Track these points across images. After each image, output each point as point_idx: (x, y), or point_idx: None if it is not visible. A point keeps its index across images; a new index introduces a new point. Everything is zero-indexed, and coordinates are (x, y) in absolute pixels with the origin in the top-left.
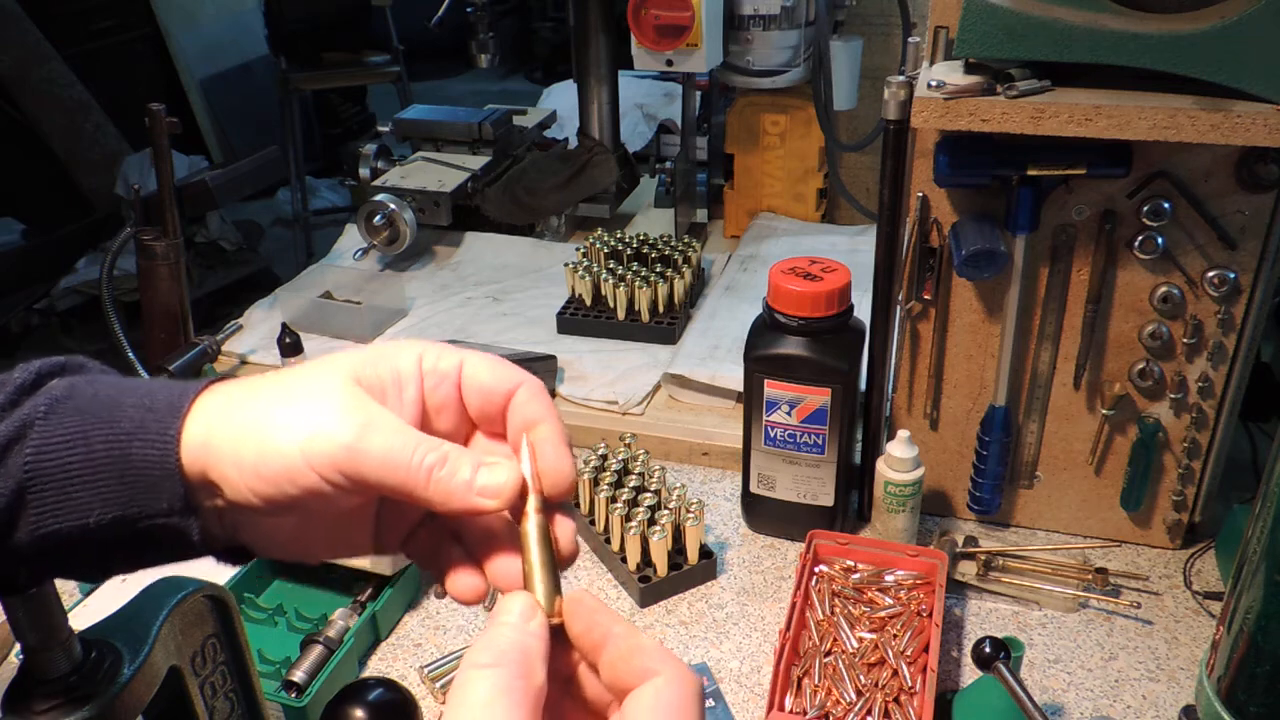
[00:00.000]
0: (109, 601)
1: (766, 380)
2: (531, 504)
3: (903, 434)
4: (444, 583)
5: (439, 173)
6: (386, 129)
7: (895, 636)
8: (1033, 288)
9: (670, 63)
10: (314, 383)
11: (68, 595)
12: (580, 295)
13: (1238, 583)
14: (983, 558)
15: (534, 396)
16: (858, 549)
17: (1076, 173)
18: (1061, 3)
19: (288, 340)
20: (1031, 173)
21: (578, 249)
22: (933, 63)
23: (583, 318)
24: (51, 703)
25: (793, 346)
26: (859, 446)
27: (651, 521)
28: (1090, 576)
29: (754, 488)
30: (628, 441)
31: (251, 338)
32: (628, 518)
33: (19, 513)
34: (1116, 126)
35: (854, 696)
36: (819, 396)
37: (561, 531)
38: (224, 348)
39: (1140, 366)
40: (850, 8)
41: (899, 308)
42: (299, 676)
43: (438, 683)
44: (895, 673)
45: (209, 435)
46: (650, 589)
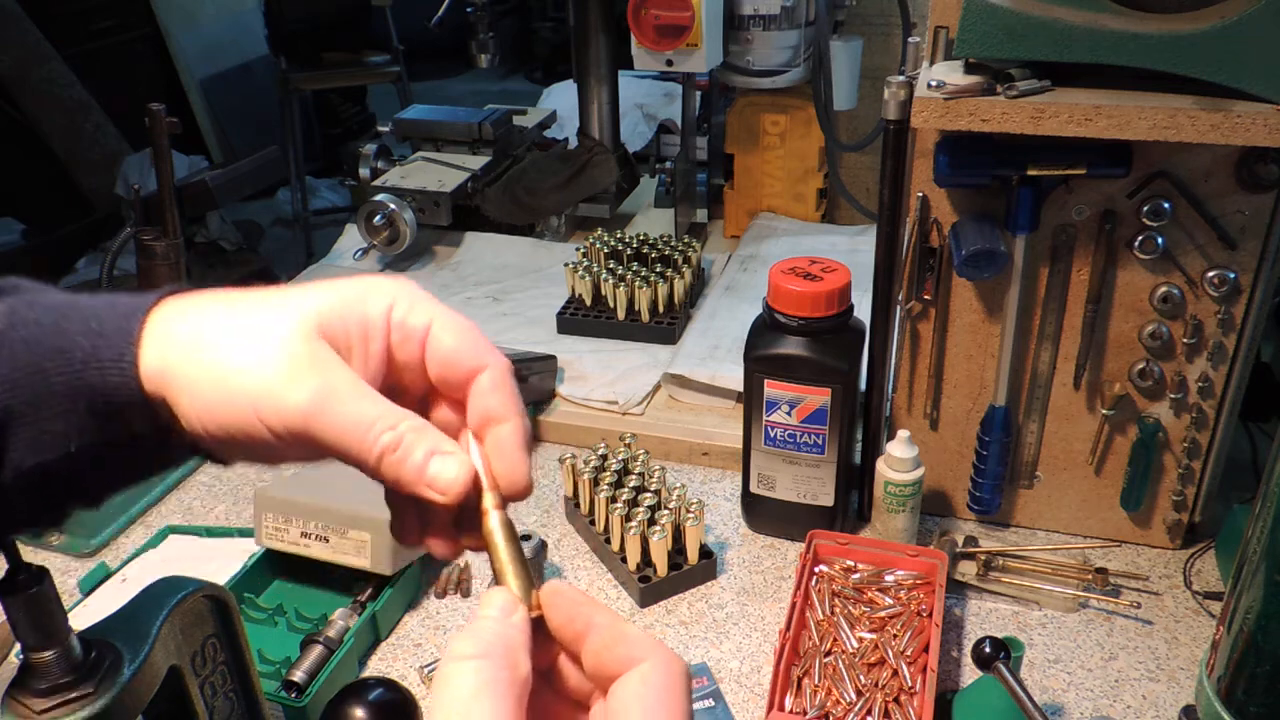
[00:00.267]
0: (109, 601)
1: (766, 380)
2: (489, 501)
3: (903, 434)
4: (421, 536)
5: (439, 173)
6: (386, 129)
7: (895, 636)
8: (1033, 288)
9: (670, 63)
10: (274, 329)
11: (68, 595)
12: (580, 295)
13: (1238, 583)
14: (983, 558)
15: (497, 386)
16: (858, 549)
17: (1076, 173)
18: (1061, 3)
19: None
20: (1031, 173)
21: (578, 249)
22: (933, 63)
23: (583, 318)
24: (51, 703)
25: (793, 346)
26: (859, 446)
27: (651, 521)
28: (1090, 576)
29: (754, 488)
30: (628, 441)
31: None
32: (628, 518)
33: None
34: (1116, 126)
35: (854, 696)
36: (819, 396)
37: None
38: None
39: (1140, 366)
40: (850, 8)
41: (899, 308)
42: (299, 676)
43: None
44: (895, 673)
45: (165, 365)
46: (650, 589)
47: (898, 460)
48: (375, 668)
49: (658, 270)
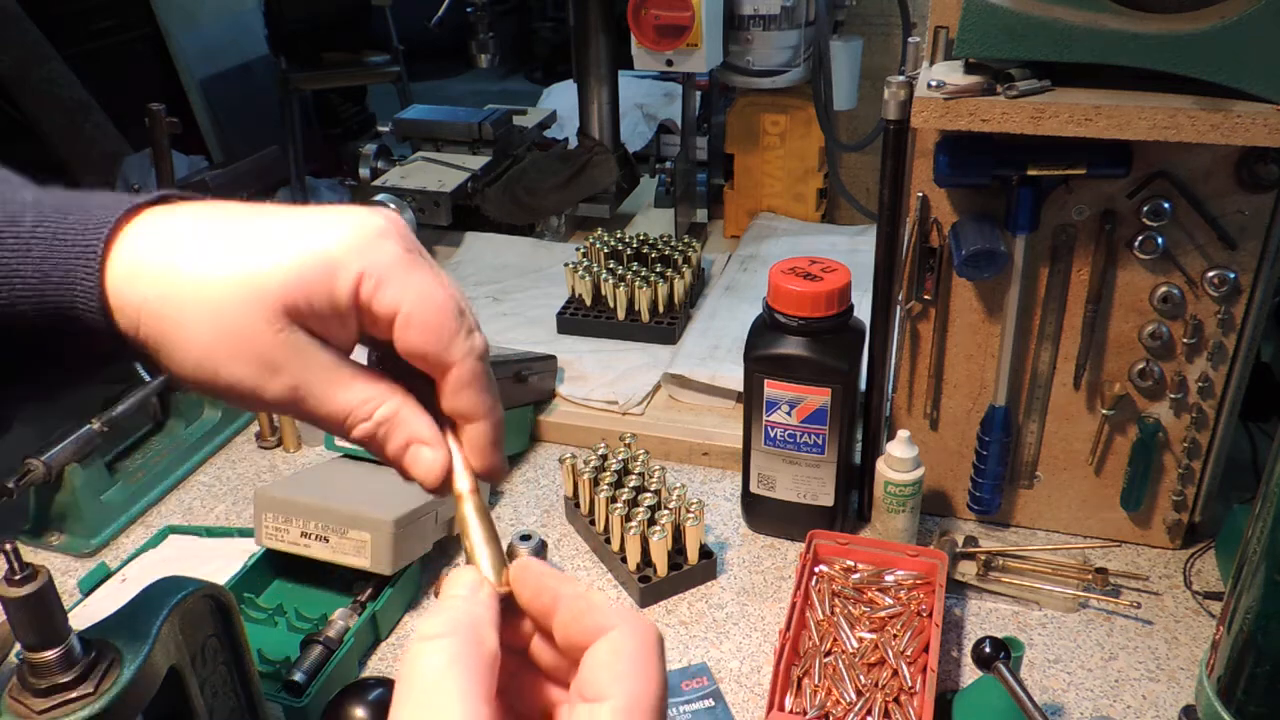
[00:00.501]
0: (109, 601)
1: (766, 380)
2: (465, 486)
3: (903, 434)
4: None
5: (439, 173)
6: (386, 129)
7: (895, 636)
8: (1033, 288)
9: (670, 63)
10: (240, 318)
11: (68, 595)
12: (580, 295)
13: (1238, 583)
14: (983, 558)
15: (464, 385)
16: (858, 549)
17: (1076, 173)
18: (1061, 3)
19: None
20: (1031, 173)
21: (578, 249)
22: (933, 63)
23: (583, 318)
24: (51, 703)
25: (793, 346)
26: (859, 446)
27: (651, 521)
28: (1090, 576)
29: (754, 488)
30: (628, 441)
31: None
32: (628, 518)
33: None
34: (1116, 126)
35: (854, 696)
36: (819, 396)
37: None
38: None
39: (1140, 366)
40: (850, 8)
41: (899, 308)
42: (299, 676)
43: None
44: (895, 673)
45: (138, 327)
46: (650, 589)
47: (898, 460)
48: (375, 668)
49: (658, 270)
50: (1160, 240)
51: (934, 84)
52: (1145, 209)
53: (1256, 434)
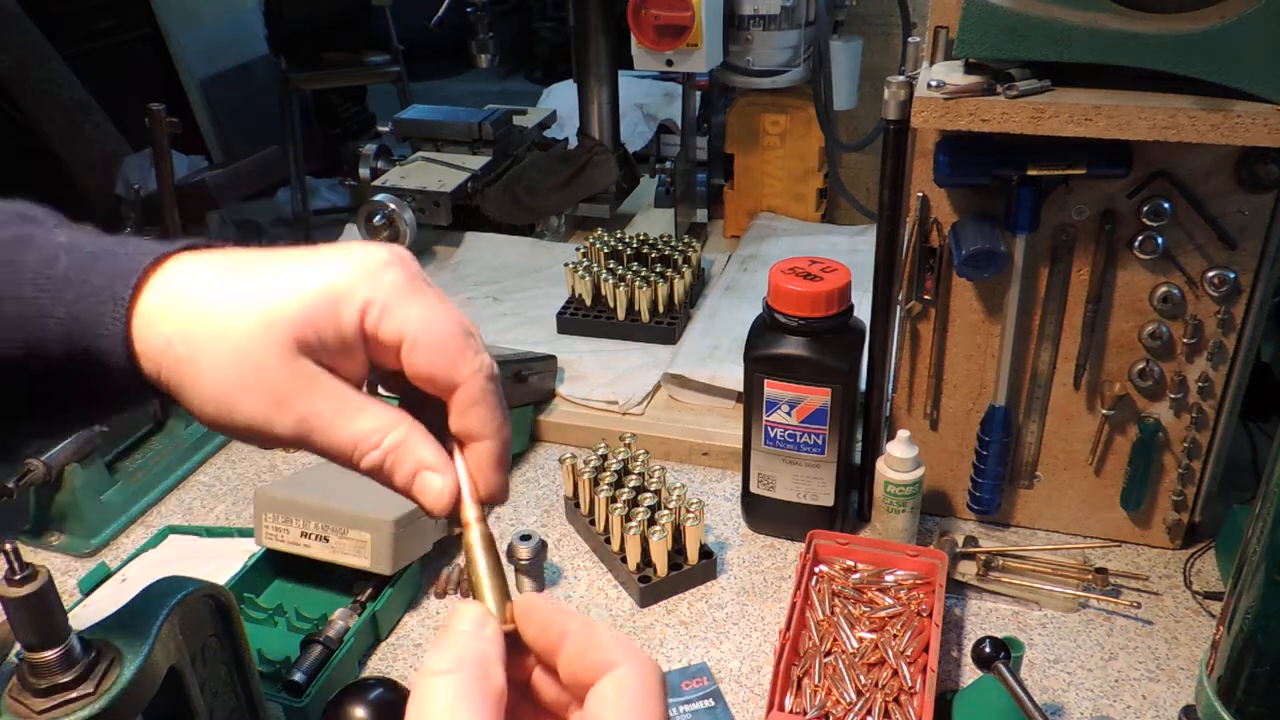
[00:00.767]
0: (109, 601)
1: (766, 380)
2: (471, 514)
3: (903, 434)
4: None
5: (439, 173)
6: (386, 129)
7: (895, 636)
8: (1033, 288)
9: (670, 63)
10: (251, 352)
11: (68, 595)
12: (580, 295)
13: (1238, 583)
14: (983, 558)
15: (473, 404)
16: (858, 549)
17: (1076, 173)
18: (1061, 3)
19: None
20: (1031, 173)
21: (578, 249)
22: (933, 63)
23: (583, 318)
24: (51, 703)
25: (793, 346)
26: (859, 446)
27: (651, 521)
28: (1090, 576)
29: (754, 488)
30: (628, 441)
31: None
32: (628, 518)
33: None
34: (1116, 126)
35: (854, 696)
36: (819, 396)
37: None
38: None
39: (1140, 366)
40: (850, 8)
41: (899, 308)
42: (299, 676)
43: None
44: (895, 673)
45: (159, 370)
46: (650, 589)
47: (898, 460)
48: (375, 668)
49: (658, 270)
50: (1160, 240)
51: (934, 84)
52: (1145, 209)
53: (1256, 434)
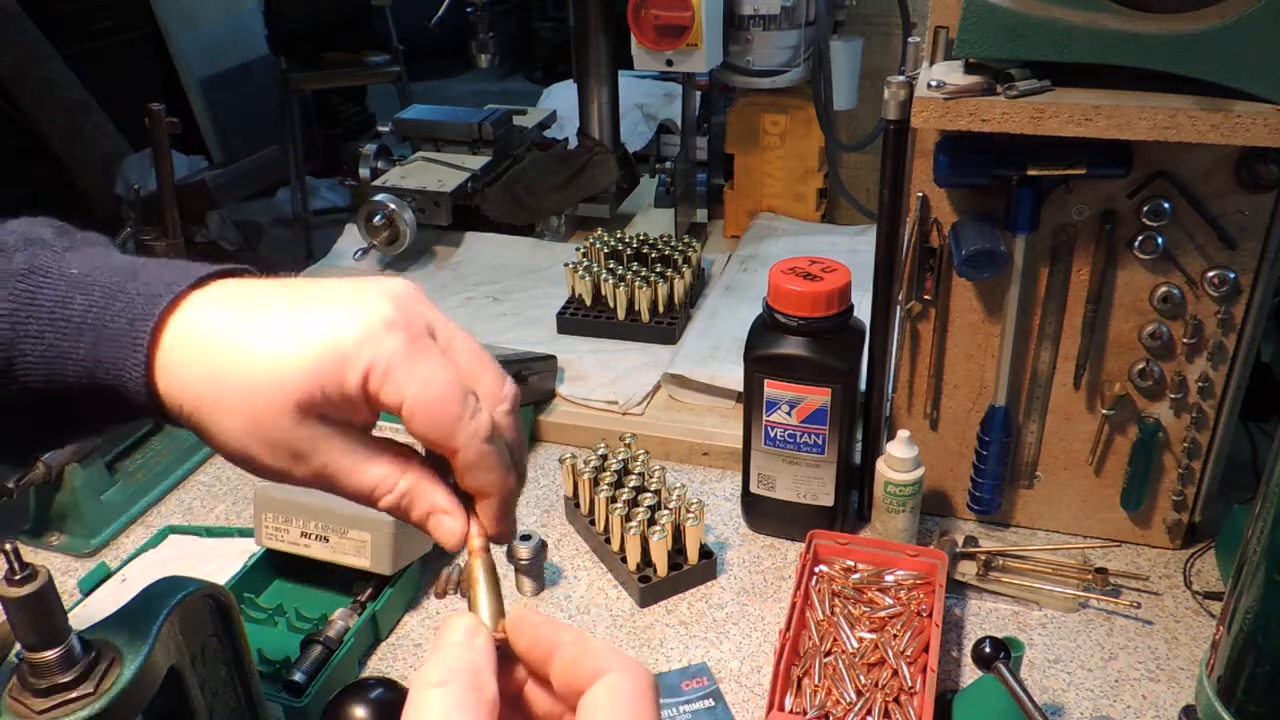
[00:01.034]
0: (109, 601)
1: (766, 380)
2: (478, 544)
3: (903, 434)
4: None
5: (439, 173)
6: (386, 129)
7: (895, 636)
8: (1033, 288)
9: (670, 63)
10: (267, 411)
11: (68, 595)
12: (580, 295)
13: (1238, 583)
14: (983, 558)
15: (472, 467)
16: (858, 549)
17: (1076, 173)
18: (1061, 3)
19: None
20: (1031, 173)
21: (578, 249)
22: (933, 63)
23: (583, 318)
24: (51, 703)
25: (793, 346)
26: (859, 446)
27: (651, 521)
28: (1090, 576)
29: (754, 488)
30: (628, 441)
31: None
32: (628, 518)
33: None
34: (1116, 126)
35: (854, 696)
36: (819, 396)
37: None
38: None
39: (1140, 366)
40: (850, 8)
41: (899, 308)
42: (299, 676)
43: None
44: (895, 673)
45: (182, 409)
46: (650, 589)
47: (898, 460)
48: (375, 668)
49: (658, 270)
50: (1160, 240)
51: (934, 84)
52: (1145, 209)
53: (1256, 434)
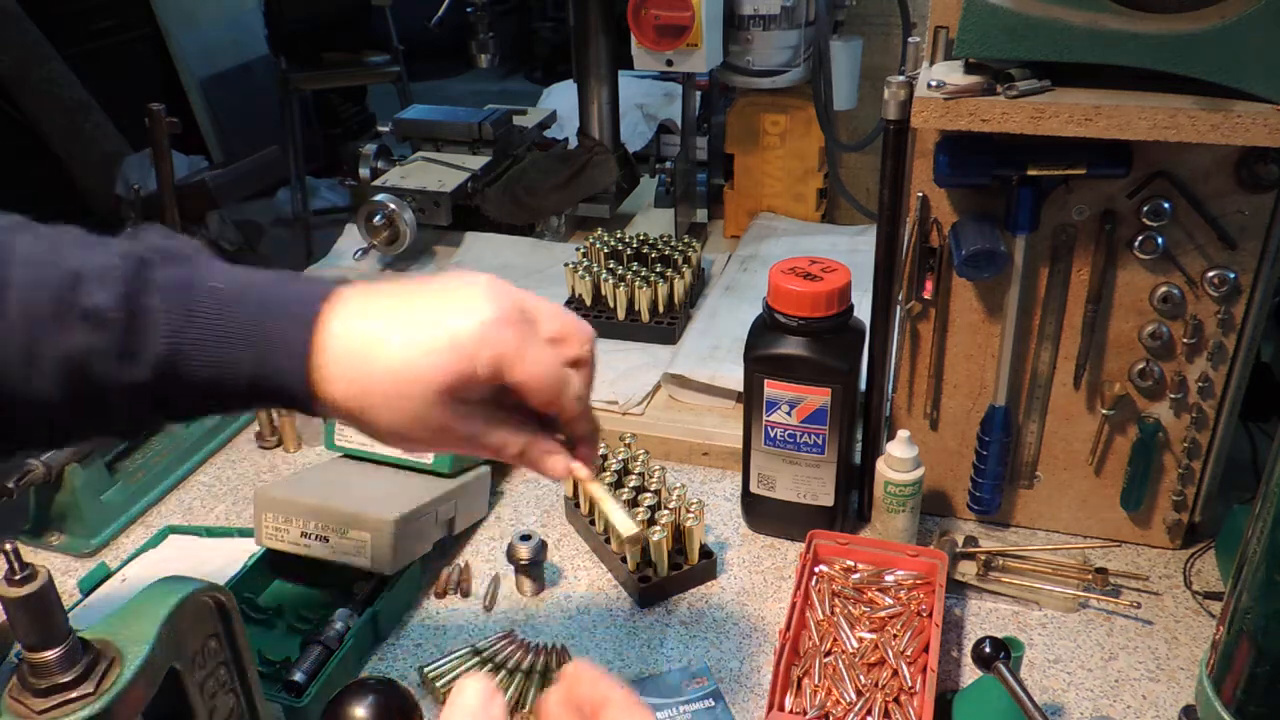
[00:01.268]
0: (109, 601)
1: (766, 380)
2: (584, 474)
3: (903, 434)
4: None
5: (439, 173)
6: (386, 129)
7: (895, 636)
8: (1033, 288)
9: (670, 63)
10: (416, 404)
11: (68, 595)
12: (580, 295)
13: (1238, 583)
14: (983, 558)
15: (573, 418)
16: (858, 549)
17: (1076, 173)
18: (1061, 3)
19: None
20: (1031, 173)
21: (578, 249)
22: (933, 63)
23: (583, 317)
24: (51, 703)
25: (793, 346)
26: (859, 446)
27: (651, 521)
28: (1090, 576)
29: (754, 488)
30: (628, 441)
31: None
32: None
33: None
34: (1116, 126)
35: (854, 696)
36: (819, 396)
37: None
38: None
39: (1140, 366)
40: (850, 8)
41: (899, 308)
42: (299, 676)
43: (438, 682)
44: (895, 673)
45: (335, 406)
46: (650, 589)
47: (898, 460)
48: (375, 668)
49: (658, 270)
50: (1160, 240)
51: (934, 84)
52: (1145, 209)
53: (1256, 434)
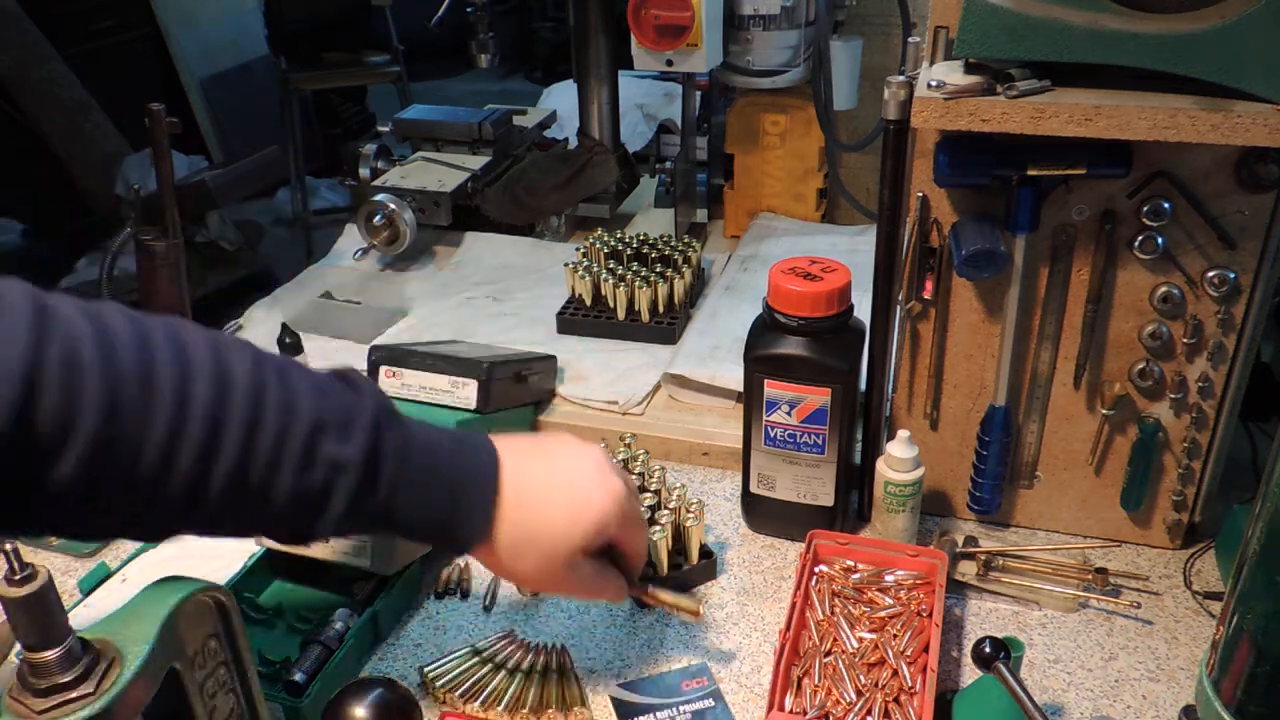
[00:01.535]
0: (109, 601)
1: (766, 380)
2: (647, 586)
3: (903, 434)
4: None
5: (439, 173)
6: (386, 129)
7: (895, 636)
8: (1033, 288)
9: (670, 63)
10: (558, 562)
11: (68, 595)
12: (580, 295)
13: (1238, 583)
14: (983, 558)
15: (640, 561)
16: (858, 549)
17: (1076, 173)
18: (1061, 3)
19: (287, 341)
20: (1031, 173)
21: (578, 249)
22: (933, 63)
23: (583, 318)
24: (51, 703)
25: (793, 346)
26: (859, 446)
27: (651, 521)
28: (1090, 576)
29: (754, 488)
30: (628, 441)
31: (251, 338)
32: None
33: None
34: (1116, 126)
35: (854, 696)
36: (819, 396)
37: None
38: None
39: (1140, 366)
40: (850, 8)
41: (899, 308)
42: (299, 676)
43: (438, 683)
44: (895, 673)
45: (498, 564)
46: None
47: (898, 460)
48: (375, 668)
49: (658, 270)
50: (1160, 240)
51: (934, 84)
52: (1145, 209)
53: (1256, 434)
